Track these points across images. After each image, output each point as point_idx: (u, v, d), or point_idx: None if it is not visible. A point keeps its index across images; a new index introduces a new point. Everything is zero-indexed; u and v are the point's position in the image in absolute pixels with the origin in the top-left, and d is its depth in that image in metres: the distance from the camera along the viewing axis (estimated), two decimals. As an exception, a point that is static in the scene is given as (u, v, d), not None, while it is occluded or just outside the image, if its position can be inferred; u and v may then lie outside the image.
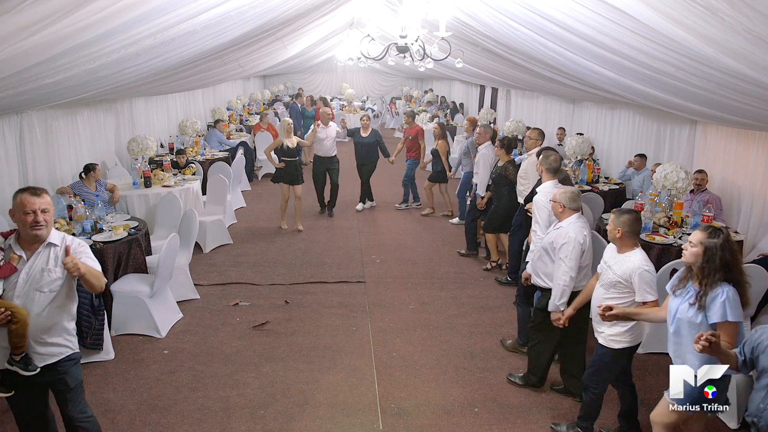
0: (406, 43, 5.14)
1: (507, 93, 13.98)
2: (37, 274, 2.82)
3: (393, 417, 4.03)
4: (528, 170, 5.89)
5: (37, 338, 2.86)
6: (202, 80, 10.23)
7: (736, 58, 2.92)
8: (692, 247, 2.92)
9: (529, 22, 4.38)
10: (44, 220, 2.79)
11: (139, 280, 5.16)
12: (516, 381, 4.46)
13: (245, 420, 3.96)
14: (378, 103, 22.42)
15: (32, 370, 2.85)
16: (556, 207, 3.97)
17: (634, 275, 3.32)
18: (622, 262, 3.40)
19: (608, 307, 3.25)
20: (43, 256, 2.84)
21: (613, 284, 3.42)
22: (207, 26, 4.75)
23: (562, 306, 3.90)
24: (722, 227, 2.97)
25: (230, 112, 14.26)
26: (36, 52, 3.23)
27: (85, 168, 6.24)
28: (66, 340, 2.98)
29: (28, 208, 2.76)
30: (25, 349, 2.83)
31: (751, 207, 5.70)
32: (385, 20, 8.68)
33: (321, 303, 5.91)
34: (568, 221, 3.90)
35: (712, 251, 2.83)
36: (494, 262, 6.91)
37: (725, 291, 2.80)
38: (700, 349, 2.55)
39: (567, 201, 3.91)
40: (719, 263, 2.81)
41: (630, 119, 8.39)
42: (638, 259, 3.36)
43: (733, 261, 2.86)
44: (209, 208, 7.77)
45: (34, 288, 2.81)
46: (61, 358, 2.95)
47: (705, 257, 2.84)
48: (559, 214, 3.96)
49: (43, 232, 2.81)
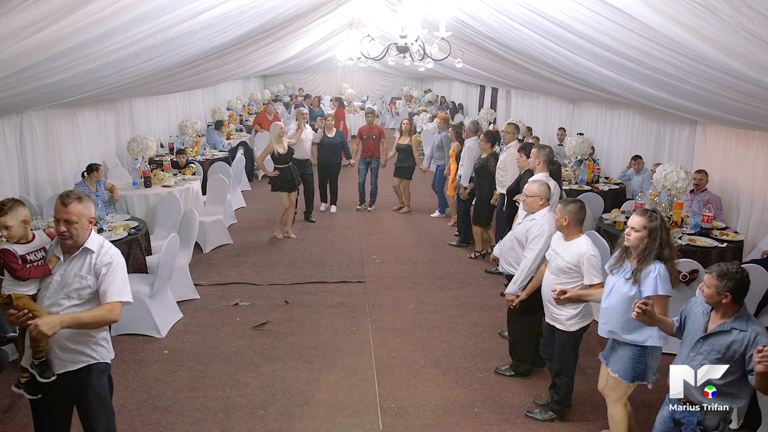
0: (406, 43, 5.14)
1: (507, 93, 13.99)
2: (70, 278, 2.75)
3: (393, 417, 4.03)
4: (507, 162, 6.42)
5: (60, 343, 2.77)
6: (202, 80, 10.24)
7: (736, 58, 2.92)
8: (635, 232, 3.14)
9: (529, 22, 4.38)
10: (69, 231, 2.70)
11: (139, 280, 5.16)
12: (504, 373, 4.56)
13: (245, 420, 3.96)
14: (378, 103, 22.42)
15: (47, 377, 2.77)
16: (536, 200, 4.14)
17: (583, 260, 3.56)
18: (570, 249, 3.63)
19: (562, 291, 3.54)
20: (77, 262, 2.77)
21: (563, 270, 3.65)
22: (207, 26, 4.75)
23: (519, 290, 4.13)
24: (654, 208, 3.28)
25: (230, 112, 14.26)
26: (36, 52, 3.23)
27: (88, 168, 6.18)
28: (92, 349, 2.84)
29: (56, 215, 2.72)
30: (44, 353, 2.78)
31: (751, 207, 5.70)
32: (385, 20, 8.68)
33: (321, 303, 5.91)
34: (541, 213, 4.12)
35: (655, 233, 3.10)
36: (478, 252, 7.31)
37: (657, 268, 3.09)
38: (635, 316, 2.84)
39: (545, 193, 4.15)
40: (658, 243, 3.10)
41: (630, 119, 8.40)
42: (585, 245, 3.60)
43: (668, 239, 3.14)
44: (209, 208, 7.77)
45: (64, 293, 2.75)
46: (82, 366, 2.84)
47: (650, 239, 3.10)
48: (538, 207, 4.15)
49: (68, 242, 2.74)
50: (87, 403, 2.90)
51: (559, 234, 3.78)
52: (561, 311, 3.72)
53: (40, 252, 2.84)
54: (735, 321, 2.71)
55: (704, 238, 5.26)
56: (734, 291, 2.66)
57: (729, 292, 2.65)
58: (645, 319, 2.85)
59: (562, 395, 3.95)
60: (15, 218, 2.81)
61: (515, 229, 4.43)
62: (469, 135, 7.65)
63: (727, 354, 2.69)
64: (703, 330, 2.80)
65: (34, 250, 2.83)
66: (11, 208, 2.81)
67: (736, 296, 2.67)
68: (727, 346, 2.69)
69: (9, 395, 4.14)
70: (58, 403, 2.92)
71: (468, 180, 7.33)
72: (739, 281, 2.65)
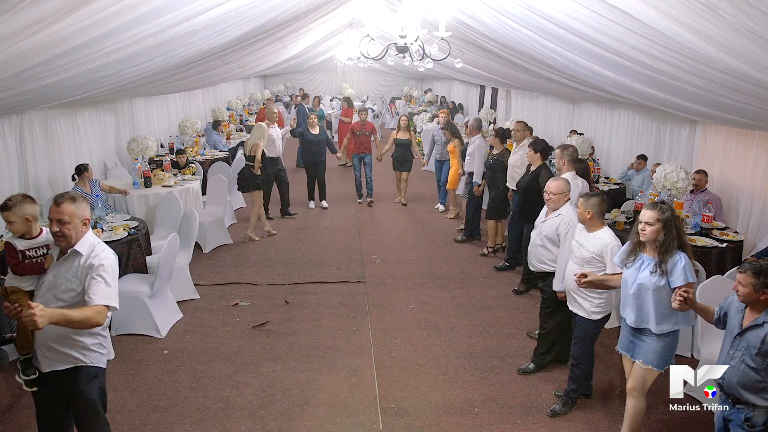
0: (405, 43, 5.14)
1: (507, 93, 13.98)
2: (60, 280, 2.76)
3: (393, 417, 4.03)
4: (524, 160, 6.39)
5: (44, 343, 2.80)
6: (202, 80, 10.23)
7: (737, 57, 2.92)
8: (650, 226, 3.21)
9: (529, 22, 4.38)
10: (61, 231, 2.71)
11: (139, 280, 5.16)
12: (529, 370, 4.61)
13: (245, 420, 3.96)
14: (378, 103, 22.41)
15: (28, 374, 2.80)
16: (561, 197, 4.29)
17: (607, 250, 3.70)
18: (594, 240, 3.78)
19: (583, 274, 3.57)
20: (67, 264, 2.78)
21: (587, 260, 3.79)
22: (207, 26, 4.74)
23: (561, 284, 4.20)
24: (662, 200, 3.38)
25: (230, 112, 14.26)
26: (36, 53, 3.22)
27: (77, 170, 6.12)
28: (79, 352, 2.83)
29: (50, 215, 2.74)
30: (30, 350, 2.81)
31: (751, 207, 5.70)
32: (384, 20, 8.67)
33: (321, 303, 5.91)
34: (566, 208, 4.29)
35: (669, 224, 3.19)
36: (490, 248, 7.37)
37: (682, 257, 3.18)
38: (677, 306, 2.98)
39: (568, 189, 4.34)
40: (674, 232, 3.20)
41: (630, 119, 8.40)
42: (608, 236, 3.75)
43: (682, 227, 3.28)
44: (209, 208, 7.77)
45: (53, 294, 2.76)
46: (69, 366, 2.84)
47: (665, 231, 3.19)
48: (564, 203, 4.32)
49: (62, 242, 2.75)
50: (76, 407, 2.92)
51: (581, 226, 3.91)
52: (585, 299, 3.86)
53: (41, 249, 2.86)
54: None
55: (704, 238, 5.26)
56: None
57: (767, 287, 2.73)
58: (685, 306, 2.97)
59: (580, 383, 4.04)
60: (18, 215, 2.84)
61: (541, 227, 4.47)
62: (474, 133, 7.77)
63: (763, 348, 2.75)
64: (739, 327, 2.87)
65: (35, 246, 2.85)
66: (15, 204, 2.84)
67: None
68: (762, 340, 2.74)
69: (9, 395, 4.14)
70: (57, 402, 2.95)
71: (481, 177, 7.48)
72: None
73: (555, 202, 4.30)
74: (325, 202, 9.67)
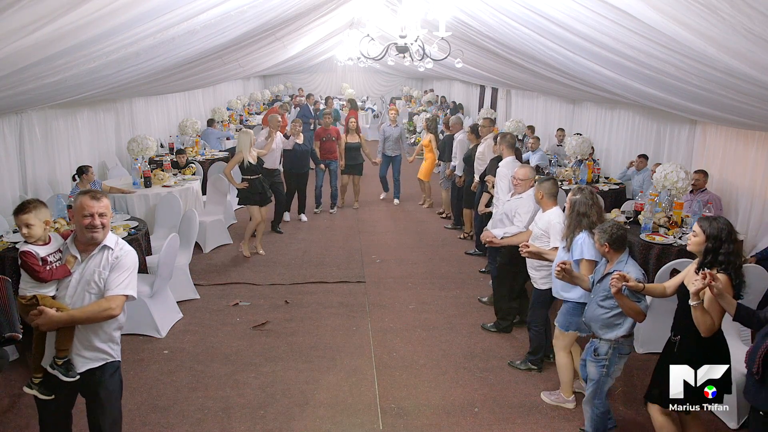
0: (405, 43, 5.14)
1: (507, 93, 13.98)
2: (89, 276, 2.82)
3: (393, 417, 4.03)
4: (484, 152, 7.07)
5: (84, 341, 2.84)
6: (202, 80, 10.23)
7: (737, 58, 2.92)
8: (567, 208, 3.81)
9: (529, 21, 4.38)
10: (101, 223, 2.80)
11: (139, 280, 5.09)
12: (489, 329, 5.27)
13: (245, 420, 3.96)
14: (378, 103, 22.41)
15: (72, 376, 2.82)
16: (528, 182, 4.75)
17: (551, 227, 4.18)
18: (543, 218, 4.28)
19: (525, 245, 4.12)
20: (96, 259, 2.84)
21: (537, 236, 4.30)
22: (207, 26, 4.75)
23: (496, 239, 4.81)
24: (583, 186, 3.95)
25: (230, 112, 14.25)
26: (35, 51, 3.22)
27: (78, 171, 6.13)
28: (109, 347, 2.94)
29: (87, 211, 2.78)
30: (69, 353, 2.82)
31: (751, 207, 5.70)
32: (384, 20, 8.68)
33: (321, 303, 5.91)
34: (528, 193, 4.72)
35: (574, 206, 3.79)
36: (467, 233, 8.05)
37: (585, 236, 3.73)
38: (556, 275, 3.53)
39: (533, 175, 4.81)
40: (580, 214, 3.75)
41: (630, 119, 8.40)
42: (555, 216, 4.20)
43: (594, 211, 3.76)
44: (209, 208, 7.77)
45: (85, 290, 2.81)
46: (102, 364, 2.91)
47: (571, 211, 3.79)
48: (529, 187, 4.74)
49: (99, 235, 2.82)
50: (97, 399, 2.97)
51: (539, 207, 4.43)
52: (535, 273, 4.40)
53: (57, 254, 2.87)
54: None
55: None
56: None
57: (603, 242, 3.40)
58: (566, 276, 3.50)
59: (535, 346, 4.55)
60: (38, 218, 2.86)
61: (503, 206, 5.05)
62: (457, 129, 8.41)
63: (609, 293, 3.26)
64: (600, 276, 3.49)
65: (53, 251, 2.86)
66: (35, 207, 2.86)
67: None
68: (607, 287, 3.28)
69: (9, 395, 4.14)
70: (63, 400, 2.97)
71: (462, 169, 7.97)
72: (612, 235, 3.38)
73: (522, 187, 4.77)
74: (304, 215, 8.94)
